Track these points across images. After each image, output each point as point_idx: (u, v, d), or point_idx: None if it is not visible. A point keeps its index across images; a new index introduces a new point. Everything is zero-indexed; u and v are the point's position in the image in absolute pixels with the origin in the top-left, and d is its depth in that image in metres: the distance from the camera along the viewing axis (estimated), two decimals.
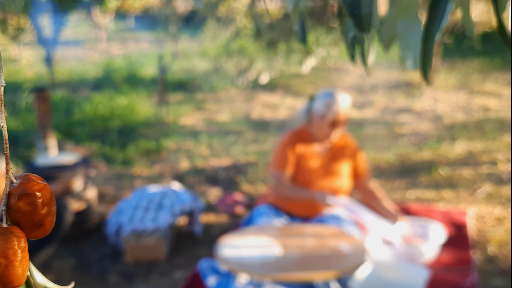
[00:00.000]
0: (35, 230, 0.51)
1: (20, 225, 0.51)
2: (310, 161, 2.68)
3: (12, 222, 0.51)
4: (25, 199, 0.50)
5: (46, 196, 0.51)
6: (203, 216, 3.56)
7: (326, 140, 2.68)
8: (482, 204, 3.58)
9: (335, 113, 2.60)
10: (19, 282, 0.50)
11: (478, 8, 5.61)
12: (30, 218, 0.50)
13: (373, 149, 4.84)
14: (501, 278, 2.70)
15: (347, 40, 1.01)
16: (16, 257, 0.49)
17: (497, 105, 6.28)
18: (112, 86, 8.22)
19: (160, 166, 4.69)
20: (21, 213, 0.50)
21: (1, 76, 0.51)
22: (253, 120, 6.20)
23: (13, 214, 0.50)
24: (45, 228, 0.52)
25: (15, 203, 0.50)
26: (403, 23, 0.87)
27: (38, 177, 0.52)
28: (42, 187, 0.51)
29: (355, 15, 0.80)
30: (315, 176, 2.68)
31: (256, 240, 2.35)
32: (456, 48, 9.55)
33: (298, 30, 1.13)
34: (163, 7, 6.44)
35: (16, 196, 0.50)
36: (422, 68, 0.80)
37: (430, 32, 0.77)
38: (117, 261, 3.08)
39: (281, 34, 4.02)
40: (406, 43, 0.87)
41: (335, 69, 9.17)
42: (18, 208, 0.50)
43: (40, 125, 3.84)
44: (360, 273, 2.35)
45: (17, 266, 0.49)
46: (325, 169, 2.69)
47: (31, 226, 0.51)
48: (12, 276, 0.49)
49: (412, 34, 0.86)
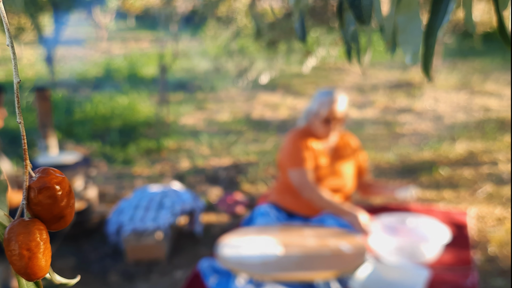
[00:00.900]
0: (55, 222, 0.53)
1: (41, 218, 0.52)
2: (319, 160, 2.68)
3: (33, 216, 0.52)
4: (45, 192, 0.51)
5: (65, 188, 0.52)
6: (204, 215, 3.56)
7: (325, 139, 2.68)
8: (482, 204, 3.58)
9: (328, 110, 2.59)
10: (42, 273, 0.51)
11: (479, 8, 5.61)
12: (51, 211, 0.52)
13: (374, 149, 4.84)
14: (502, 278, 2.70)
15: (346, 36, 1.01)
16: (39, 249, 0.50)
17: (497, 105, 6.28)
18: (112, 86, 8.22)
19: (160, 165, 4.70)
20: (41, 206, 0.51)
21: (17, 73, 0.52)
22: (254, 120, 6.20)
23: (33, 208, 0.52)
24: (65, 220, 0.53)
25: (35, 196, 0.51)
26: (403, 18, 0.87)
27: (56, 170, 0.53)
28: (60, 180, 0.52)
29: (355, 7, 0.80)
30: (321, 175, 2.67)
31: (257, 239, 2.35)
32: (457, 48, 9.55)
33: (297, 28, 1.13)
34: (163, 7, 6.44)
35: (36, 189, 0.51)
36: (424, 63, 0.80)
37: (433, 28, 0.77)
38: (118, 260, 3.08)
39: (282, 34, 4.02)
40: (405, 38, 0.87)
41: (336, 69, 9.17)
42: (38, 202, 0.51)
43: (41, 124, 3.84)
44: (360, 273, 2.35)
45: (40, 258, 0.50)
46: (330, 169, 2.69)
47: (51, 218, 0.52)
48: (36, 268, 0.50)
49: (412, 30, 0.86)
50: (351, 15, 0.96)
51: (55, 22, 7.28)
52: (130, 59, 10.68)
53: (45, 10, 7.05)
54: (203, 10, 4.86)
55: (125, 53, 11.77)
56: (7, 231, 0.51)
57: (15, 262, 0.50)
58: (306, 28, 1.14)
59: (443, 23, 0.76)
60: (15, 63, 0.52)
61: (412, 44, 0.86)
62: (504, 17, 0.78)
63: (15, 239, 0.50)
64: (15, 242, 0.50)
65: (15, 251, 0.50)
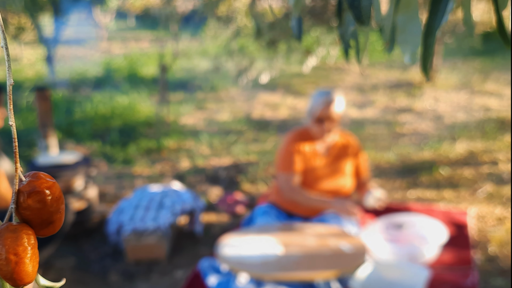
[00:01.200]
0: (44, 228, 0.52)
1: (29, 223, 0.51)
2: (314, 161, 2.68)
3: (21, 220, 0.51)
4: (34, 197, 0.50)
5: (55, 193, 0.51)
6: (204, 215, 3.56)
7: (322, 139, 2.68)
8: (482, 204, 3.58)
9: (322, 111, 2.58)
10: (29, 279, 0.50)
11: (479, 8, 5.61)
12: (40, 216, 0.51)
13: (374, 148, 4.84)
14: (502, 278, 2.70)
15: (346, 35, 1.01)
16: (26, 254, 0.49)
17: (498, 105, 6.28)
18: (113, 86, 8.22)
19: (160, 165, 4.70)
20: (30, 210, 0.50)
21: (10, 76, 0.52)
22: (254, 119, 6.20)
23: (22, 212, 0.51)
24: (54, 226, 0.52)
25: (24, 200, 0.50)
26: (402, 18, 0.87)
27: (46, 175, 0.52)
28: (51, 184, 0.51)
29: (354, 8, 0.80)
30: (319, 176, 2.68)
31: (257, 239, 2.35)
32: (457, 48, 9.55)
33: (294, 26, 1.13)
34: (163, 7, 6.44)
35: (26, 194, 0.50)
36: (423, 63, 0.80)
37: (432, 28, 0.77)
38: (118, 260, 3.09)
39: (282, 34, 4.02)
40: (405, 38, 0.87)
41: (336, 68, 9.17)
42: (27, 206, 0.50)
43: (41, 124, 3.84)
44: (360, 272, 2.35)
45: (27, 263, 0.49)
46: (329, 169, 2.69)
47: (40, 223, 0.51)
48: (22, 273, 0.49)
49: (411, 29, 0.86)
50: (350, 15, 0.96)
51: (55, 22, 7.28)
52: (130, 59, 10.68)
53: (45, 10, 7.04)
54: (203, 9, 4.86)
55: (125, 53, 11.77)
56: None
57: (1, 267, 0.49)
58: (302, 27, 1.13)
59: (442, 22, 0.77)
60: (9, 65, 0.51)
61: (411, 44, 0.86)
62: (504, 17, 0.78)
63: (2, 243, 0.49)
64: (2, 246, 0.49)
65: (2, 255, 0.48)
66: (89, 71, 9.72)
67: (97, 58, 11.37)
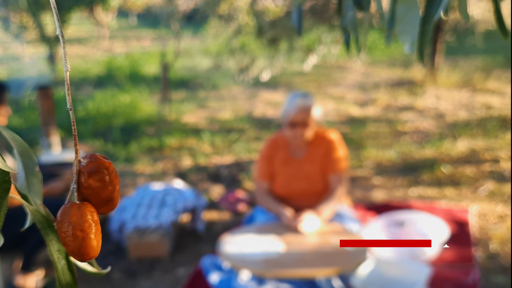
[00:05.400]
0: (104, 205, 0.55)
1: (90, 202, 0.54)
2: (287, 165, 2.63)
3: (82, 200, 0.54)
4: (94, 176, 0.53)
5: (113, 172, 0.55)
6: (206, 213, 3.57)
7: (296, 143, 2.60)
8: (484, 202, 3.58)
9: (293, 114, 2.52)
10: (94, 253, 0.53)
11: (481, 6, 5.60)
12: (99, 194, 0.54)
13: (376, 147, 4.84)
14: (503, 275, 2.71)
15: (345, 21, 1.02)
16: (91, 230, 0.52)
17: (499, 103, 6.27)
18: (114, 84, 8.23)
19: (162, 163, 4.71)
20: (91, 189, 0.53)
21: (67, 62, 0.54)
22: (256, 117, 6.21)
23: (83, 191, 0.54)
24: (113, 203, 0.55)
25: (85, 180, 0.53)
26: (402, 8, 0.88)
27: (103, 156, 0.55)
28: (108, 164, 0.54)
29: None
30: (293, 181, 2.61)
31: (259, 237, 2.36)
32: (459, 46, 9.54)
33: (294, 18, 1.14)
34: (165, 5, 6.45)
35: (86, 173, 0.53)
36: (419, 49, 0.81)
37: (429, 15, 0.78)
38: (120, 258, 3.10)
39: (283, 32, 4.02)
40: (404, 27, 0.88)
41: (338, 67, 9.17)
42: (88, 185, 0.53)
43: (43, 122, 3.85)
44: (362, 270, 2.35)
45: (93, 239, 0.52)
46: (302, 171, 2.61)
47: (100, 201, 0.54)
48: (88, 248, 0.52)
49: (411, 19, 0.87)
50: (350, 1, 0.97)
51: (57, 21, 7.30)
52: (132, 57, 10.69)
53: (47, 8, 7.06)
54: (205, 8, 4.86)
55: (127, 52, 11.78)
56: (60, 214, 0.52)
57: (69, 243, 0.52)
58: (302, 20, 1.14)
59: (440, 10, 0.77)
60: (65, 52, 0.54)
61: (411, 34, 0.87)
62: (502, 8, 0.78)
63: (69, 221, 0.51)
64: (68, 223, 0.51)
65: (69, 232, 0.51)
66: (91, 69, 9.74)
67: (99, 57, 11.38)
